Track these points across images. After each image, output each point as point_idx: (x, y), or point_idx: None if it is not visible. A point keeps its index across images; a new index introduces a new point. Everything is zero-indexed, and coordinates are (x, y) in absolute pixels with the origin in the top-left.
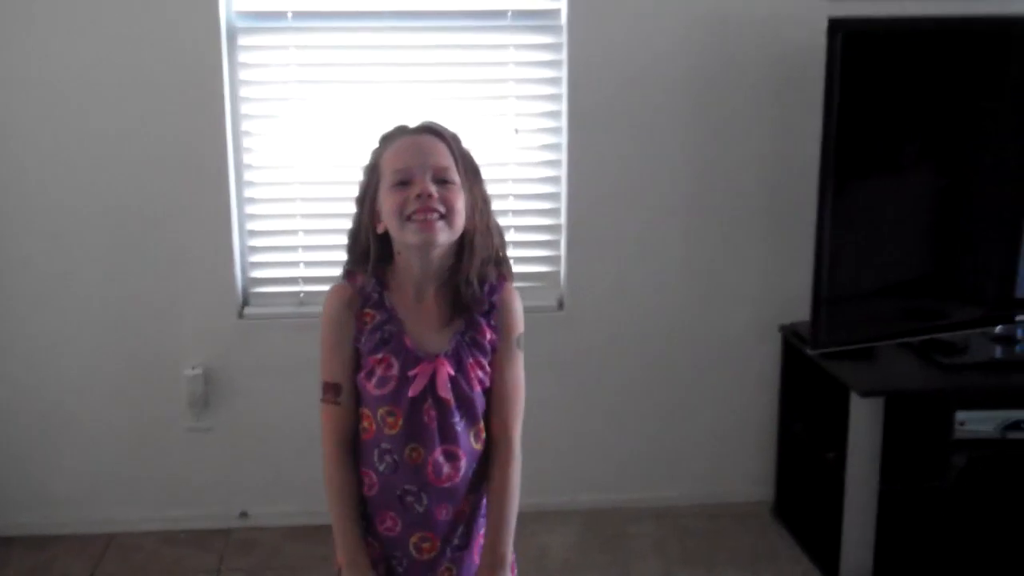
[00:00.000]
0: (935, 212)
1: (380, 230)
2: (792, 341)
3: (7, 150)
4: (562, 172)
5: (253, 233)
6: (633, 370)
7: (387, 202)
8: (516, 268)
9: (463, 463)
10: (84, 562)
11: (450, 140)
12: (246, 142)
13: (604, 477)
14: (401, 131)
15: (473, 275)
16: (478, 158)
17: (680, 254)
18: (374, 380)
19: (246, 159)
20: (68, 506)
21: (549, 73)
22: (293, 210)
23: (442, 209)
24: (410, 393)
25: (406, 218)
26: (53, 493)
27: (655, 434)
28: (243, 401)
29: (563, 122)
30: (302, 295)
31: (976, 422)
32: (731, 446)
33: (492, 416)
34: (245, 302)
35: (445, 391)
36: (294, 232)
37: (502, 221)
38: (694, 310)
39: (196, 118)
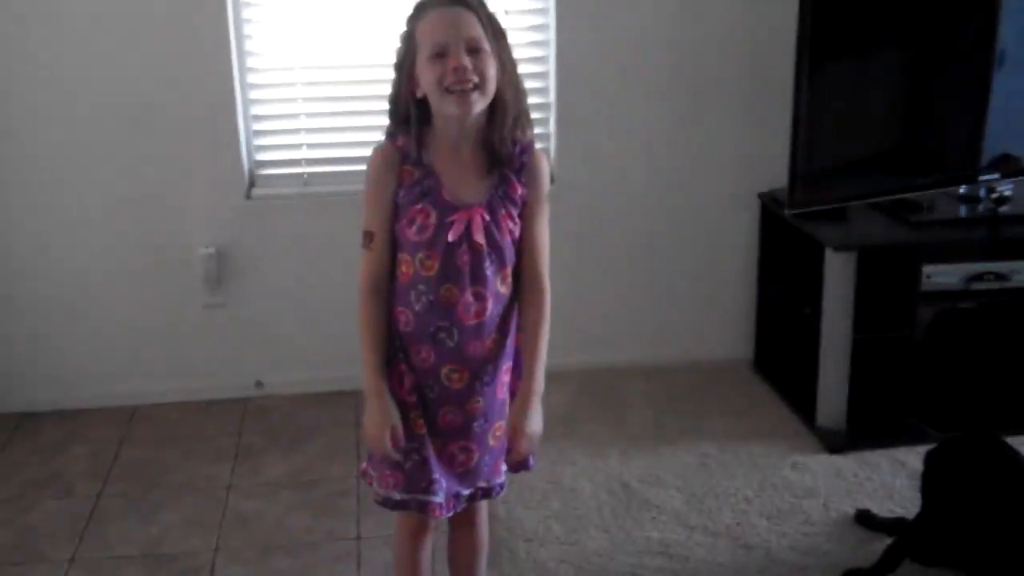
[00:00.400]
0: (906, 83)
1: (419, 95)
2: (770, 206)
3: (24, 42)
4: (550, 52)
5: (257, 118)
6: (622, 239)
7: (425, 74)
8: None
9: (490, 304)
10: (112, 430)
11: (478, 9)
12: (247, 29)
13: (596, 339)
14: (435, 2)
15: (506, 133)
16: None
17: (664, 129)
18: (414, 228)
19: (248, 46)
20: (92, 381)
21: None
22: (295, 94)
23: (476, 79)
24: (449, 238)
25: (444, 90)
26: (78, 369)
27: (643, 298)
28: (254, 277)
29: (551, 2)
30: (306, 176)
31: (942, 275)
32: (714, 307)
33: (524, 264)
34: (252, 184)
35: (480, 236)
36: (296, 116)
37: None
38: (678, 181)
39: (199, 6)
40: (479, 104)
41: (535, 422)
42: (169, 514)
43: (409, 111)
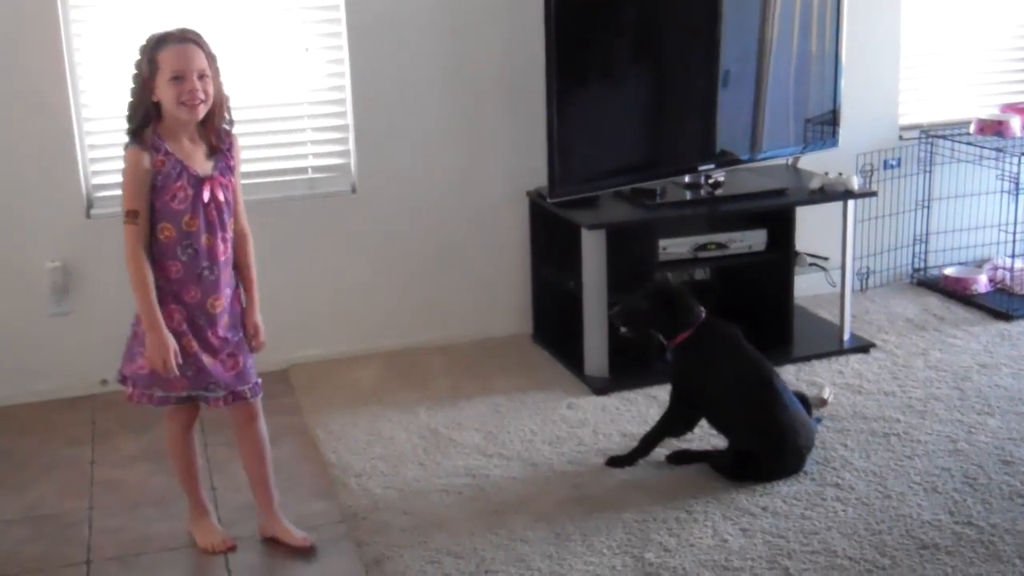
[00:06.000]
0: (641, 97)
1: (155, 100)
2: (536, 201)
3: None
4: (346, 80)
5: (93, 147)
6: (416, 236)
7: (167, 91)
8: (315, 162)
9: (230, 243)
10: None
11: (204, 45)
12: (79, 70)
13: (399, 325)
14: (172, 38)
15: (219, 126)
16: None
17: (446, 142)
18: (176, 199)
19: (81, 86)
20: None
21: (330, 1)
22: (124, 125)
23: (203, 97)
24: (205, 198)
25: (180, 103)
26: None
27: (436, 287)
28: (96, 288)
29: (344, 40)
30: None
31: (675, 246)
32: (497, 290)
33: (237, 214)
34: (91, 205)
35: (221, 194)
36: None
37: (300, 124)
38: (460, 187)
39: (35, 51)
40: (202, 111)
41: (260, 320)
42: (42, 487)
43: (150, 115)
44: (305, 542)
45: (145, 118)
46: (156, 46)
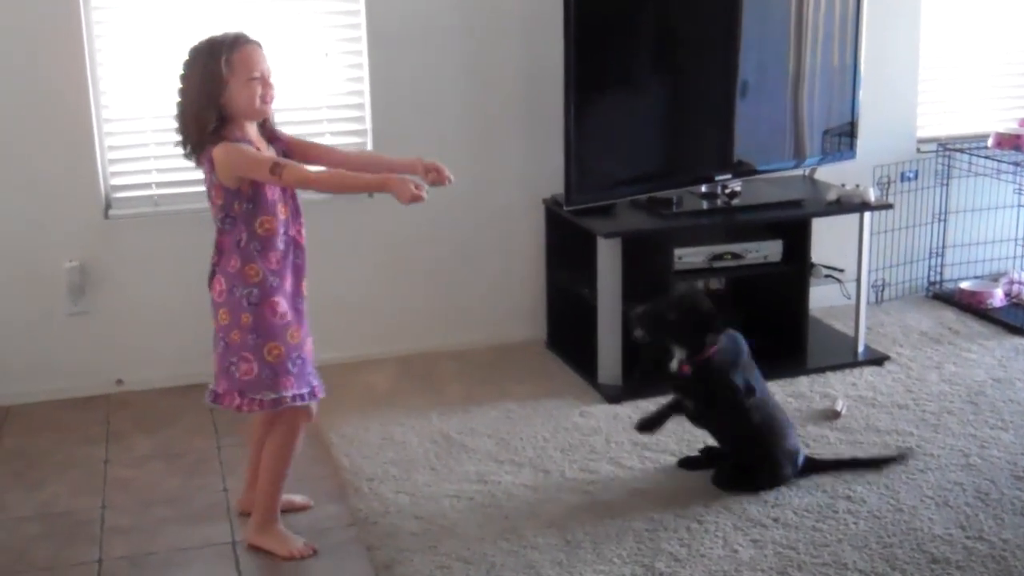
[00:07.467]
0: (659, 105)
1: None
2: (552, 208)
3: None
4: (365, 86)
5: (112, 148)
6: (430, 243)
7: (243, 91)
8: None
9: (305, 228)
10: None
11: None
12: (100, 72)
13: (412, 330)
14: (240, 40)
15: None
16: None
17: (463, 148)
18: (270, 189)
19: (101, 87)
20: None
21: (350, 7)
22: (144, 127)
23: (275, 94)
24: (284, 186)
25: (263, 102)
26: None
27: (451, 292)
28: (113, 288)
29: (363, 45)
30: (155, 197)
31: (690, 256)
32: (511, 296)
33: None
34: (109, 205)
35: None
36: (146, 144)
37: (319, 128)
38: (476, 192)
39: (56, 52)
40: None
41: None
42: (55, 485)
43: (221, 115)
44: (307, 503)
45: (221, 117)
46: (231, 48)
